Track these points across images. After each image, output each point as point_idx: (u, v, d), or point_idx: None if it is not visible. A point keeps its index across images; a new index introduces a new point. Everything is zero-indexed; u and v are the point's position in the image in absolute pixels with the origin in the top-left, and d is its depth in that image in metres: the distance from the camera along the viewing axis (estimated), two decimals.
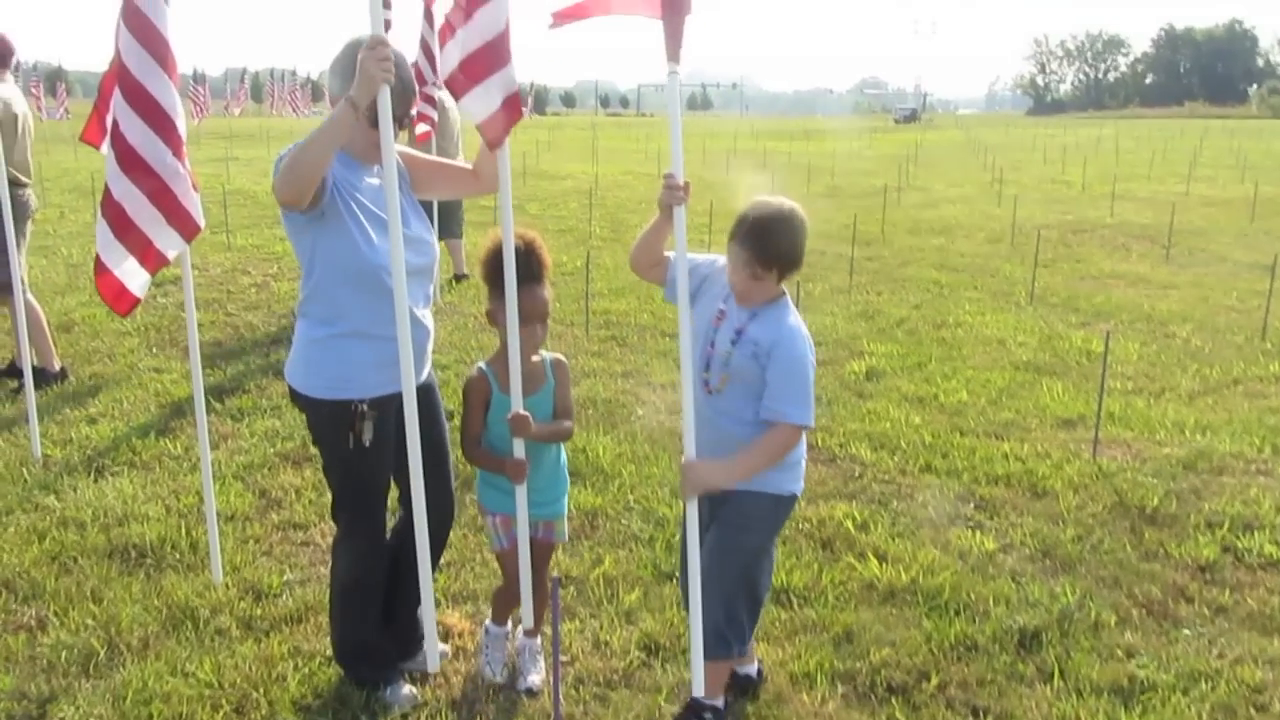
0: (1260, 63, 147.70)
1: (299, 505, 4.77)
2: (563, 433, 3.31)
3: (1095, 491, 5.05)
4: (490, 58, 2.93)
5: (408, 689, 3.30)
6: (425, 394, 3.22)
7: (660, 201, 2.84)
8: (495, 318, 3.20)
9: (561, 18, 2.95)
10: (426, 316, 3.16)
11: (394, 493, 3.36)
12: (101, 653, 3.52)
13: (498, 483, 3.28)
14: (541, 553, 3.44)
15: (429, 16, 10.82)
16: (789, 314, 2.92)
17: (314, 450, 5.27)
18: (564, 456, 3.48)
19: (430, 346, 3.25)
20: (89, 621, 3.70)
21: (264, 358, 7.29)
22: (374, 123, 2.86)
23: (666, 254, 3.01)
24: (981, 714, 3.28)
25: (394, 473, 3.25)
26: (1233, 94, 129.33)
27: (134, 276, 3.70)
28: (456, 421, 3.48)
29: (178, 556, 4.22)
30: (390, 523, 3.44)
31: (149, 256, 3.65)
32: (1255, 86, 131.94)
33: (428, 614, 3.06)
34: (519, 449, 3.17)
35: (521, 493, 3.20)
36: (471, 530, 4.52)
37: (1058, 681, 3.45)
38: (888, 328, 8.54)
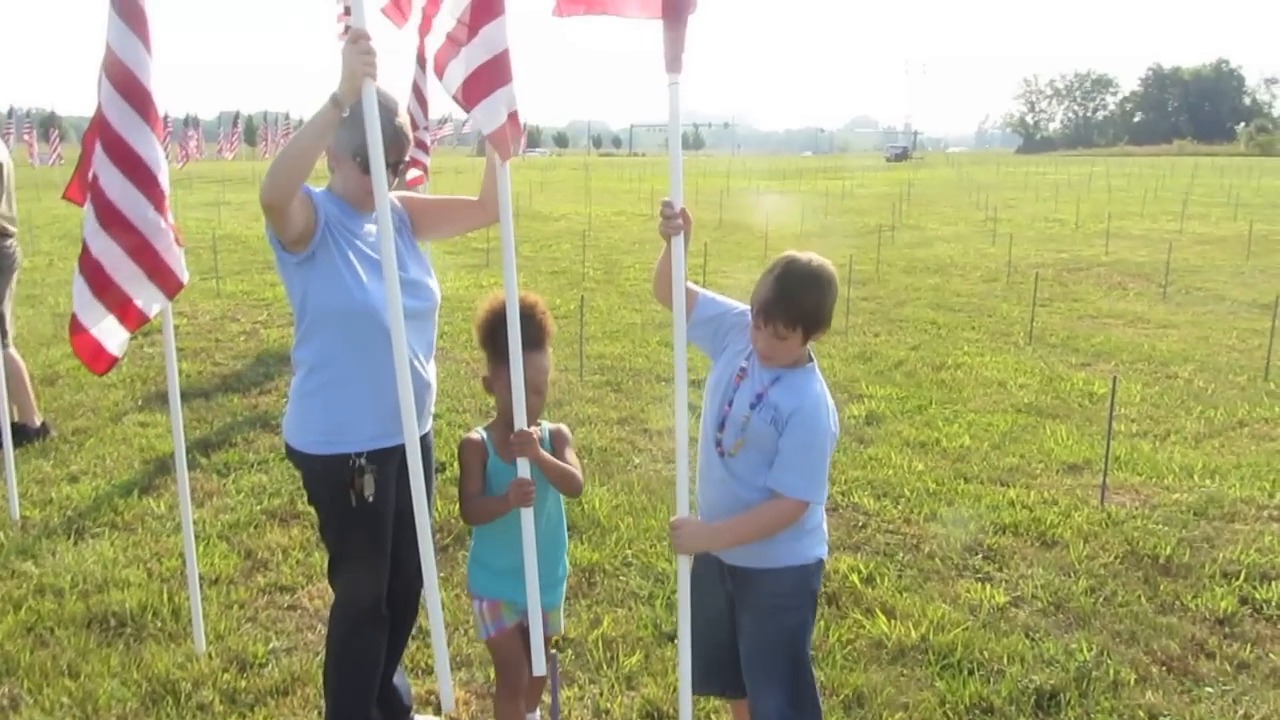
0: (1247, 101, 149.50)
1: (286, 566, 4.61)
2: (571, 476, 2.97)
3: (1106, 540, 4.92)
4: (496, 72, 2.85)
5: None
6: (421, 452, 3.09)
7: (660, 231, 2.73)
8: (492, 386, 2.99)
9: (566, 7, 2.85)
10: (428, 368, 3.02)
11: None
12: None
13: (488, 561, 3.06)
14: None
15: (421, 60, 10.81)
16: (815, 381, 2.69)
17: (302, 508, 5.18)
18: (564, 535, 3.17)
19: (431, 400, 3.09)
20: (64, 699, 3.53)
21: (252, 409, 7.15)
22: (366, 169, 2.79)
23: (694, 289, 2.83)
24: None
25: None
26: (1220, 132, 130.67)
27: (112, 335, 3.58)
28: (447, 473, 3.35)
29: (159, 625, 4.05)
30: None
31: (129, 314, 3.53)
32: (1243, 125, 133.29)
33: (439, 648, 2.89)
34: (523, 469, 2.87)
35: (527, 516, 2.88)
36: (462, 591, 4.37)
37: None
38: (886, 370, 8.43)
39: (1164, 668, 3.81)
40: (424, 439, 3.13)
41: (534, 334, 2.92)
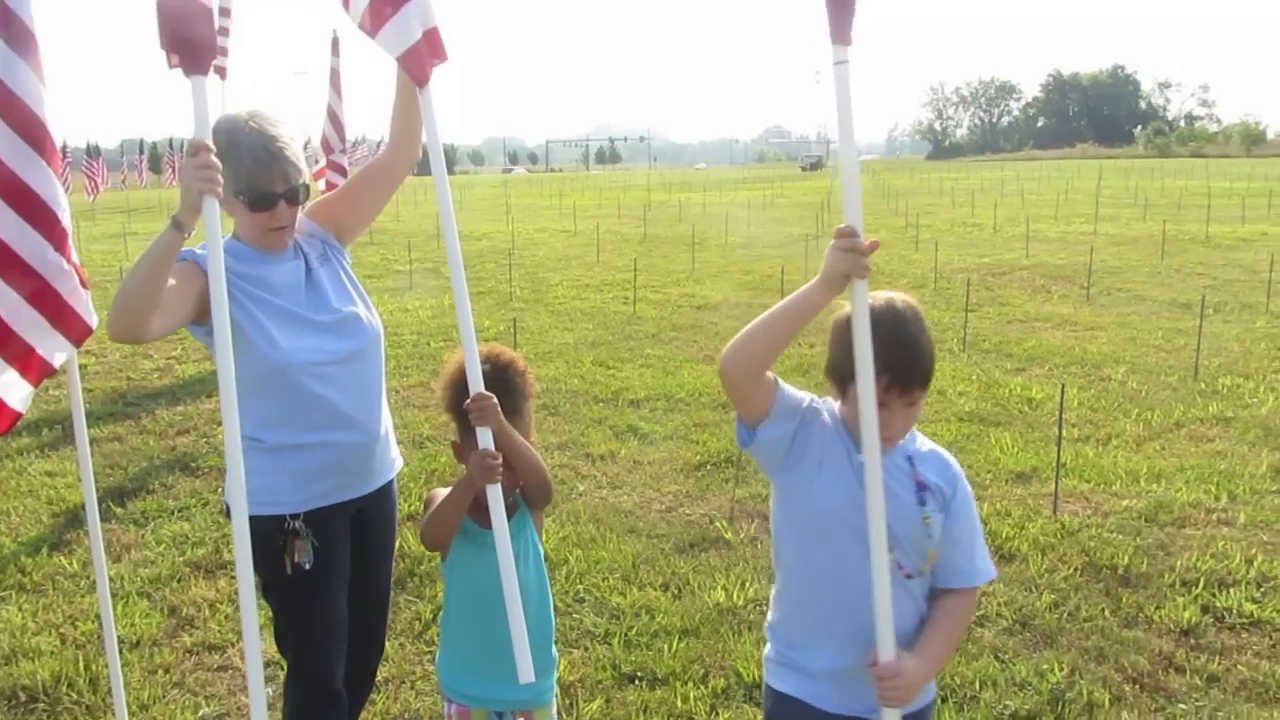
0: (1143, 105, 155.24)
1: (214, 623, 4.29)
2: (538, 463, 2.57)
3: (1063, 552, 4.86)
4: None
5: None
6: (373, 504, 2.83)
7: (831, 270, 1.94)
8: (462, 454, 2.56)
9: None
10: (373, 418, 2.73)
11: None
12: None
13: (461, 647, 2.66)
14: None
15: (336, 84, 10.53)
16: (917, 434, 2.18)
17: (229, 557, 4.86)
18: (550, 614, 2.71)
19: (380, 449, 2.79)
20: None
21: (169, 451, 6.76)
22: (253, 207, 2.56)
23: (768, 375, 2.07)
24: None
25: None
26: (1119, 135, 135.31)
27: (13, 389, 3.25)
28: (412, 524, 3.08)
29: (75, 697, 3.72)
30: None
31: (31, 366, 3.21)
32: (1140, 128, 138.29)
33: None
34: (484, 440, 2.45)
35: (496, 496, 2.44)
36: (408, 639, 4.12)
37: None
38: (825, 381, 8.33)
39: (1136, 685, 3.73)
40: (383, 491, 2.89)
41: (509, 397, 2.53)
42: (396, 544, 3.22)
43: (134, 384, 8.82)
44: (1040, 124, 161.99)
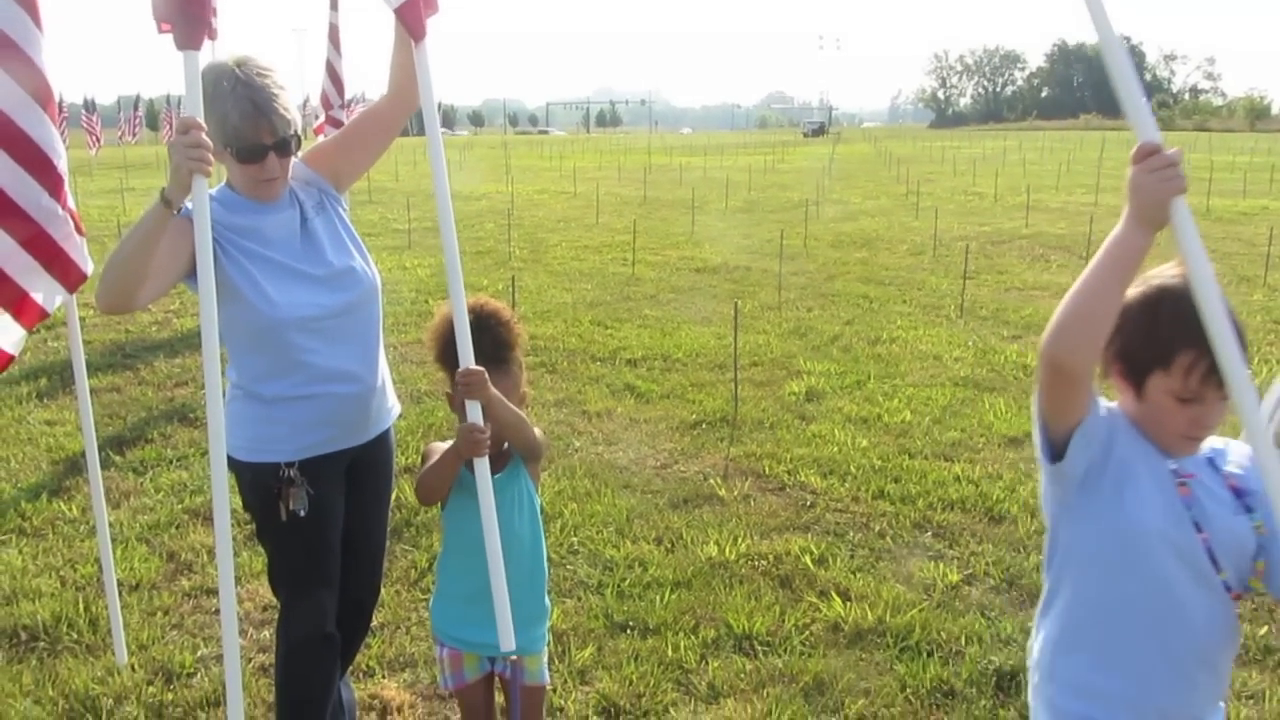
0: (1148, 77, 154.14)
1: (211, 568, 4.34)
2: (524, 424, 2.54)
3: None
4: None
5: None
6: (369, 453, 2.86)
7: (1146, 201, 1.60)
8: (455, 404, 2.53)
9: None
10: (368, 370, 2.75)
11: None
12: None
13: (454, 591, 2.65)
14: (522, 700, 2.66)
15: (334, 40, 10.46)
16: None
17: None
18: (543, 566, 2.71)
19: (376, 400, 2.81)
20: None
21: (168, 402, 6.79)
22: (242, 159, 2.53)
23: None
24: None
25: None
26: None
27: (6, 332, 3.28)
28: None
29: (75, 636, 3.77)
30: None
31: (25, 309, 3.23)
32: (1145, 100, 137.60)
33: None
34: (473, 414, 2.45)
35: (484, 469, 2.46)
36: (404, 586, 4.18)
37: None
38: (822, 345, 8.39)
39: None
40: (379, 440, 2.92)
41: (494, 346, 2.54)
42: (394, 495, 3.26)
43: (132, 336, 8.85)
44: (1044, 94, 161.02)
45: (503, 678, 2.67)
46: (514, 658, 2.63)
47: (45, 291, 3.26)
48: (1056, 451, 1.75)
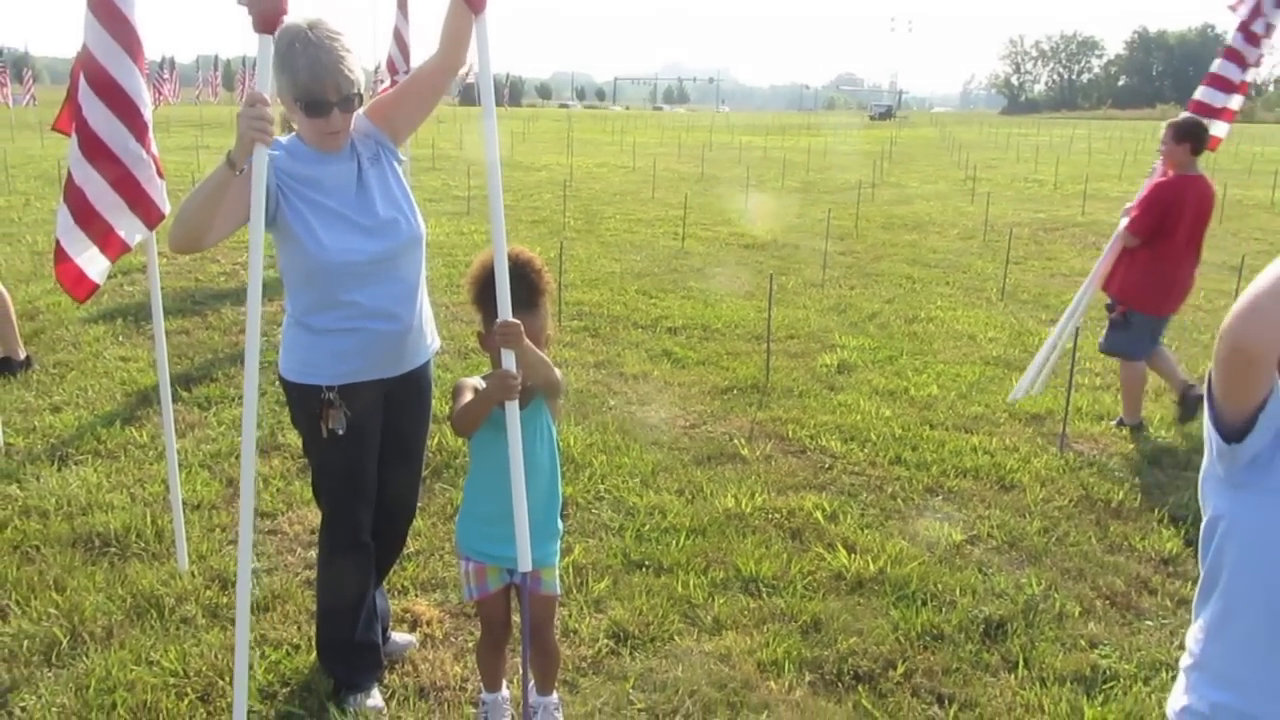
0: None
1: (266, 494, 4.73)
2: (549, 367, 2.80)
3: (1062, 485, 5.10)
4: None
5: (374, 700, 3.20)
6: (406, 385, 3.16)
7: None
8: (486, 343, 2.85)
9: None
10: (405, 309, 3.03)
11: None
12: (64, 641, 3.47)
13: (476, 509, 2.96)
14: (534, 608, 2.94)
15: (403, 6, 10.81)
16: None
17: (282, 440, 5.30)
18: (558, 491, 3.00)
19: (413, 338, 3.09)
20: (51, 610, 3.65)
21: (232, 347, 7.22)
22: (309, 113, 2.81)
23: None
24: (947, 702, 3.30)
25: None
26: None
27: (94, 263, 3.66)
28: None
29: (142, 545, 4.17)
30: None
31: (110, 243, 3.61)
32: None
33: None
34: (508, 362, 2.72)
35: (514, 409, 2.73)
36: (440, 519, 4.51)
37: (1022, 670, 3.48)
38: (860, 321, 8.58)
39: (1108, 601, 4.00)
40: (415, 376, 3.20)
41: (527, 292, 2.80)
42: (435, 439, 3.55)
43: (201, 285, 9.32)
44: (1121, 82, 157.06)
45: (519, 589, 2.97)
46: (531, 570, 2.94)
47: (128, 228, 3.63)
48: (1228, 433, 1.71)
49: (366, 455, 3.14)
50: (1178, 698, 1.89)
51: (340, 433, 3.02)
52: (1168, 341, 8.07)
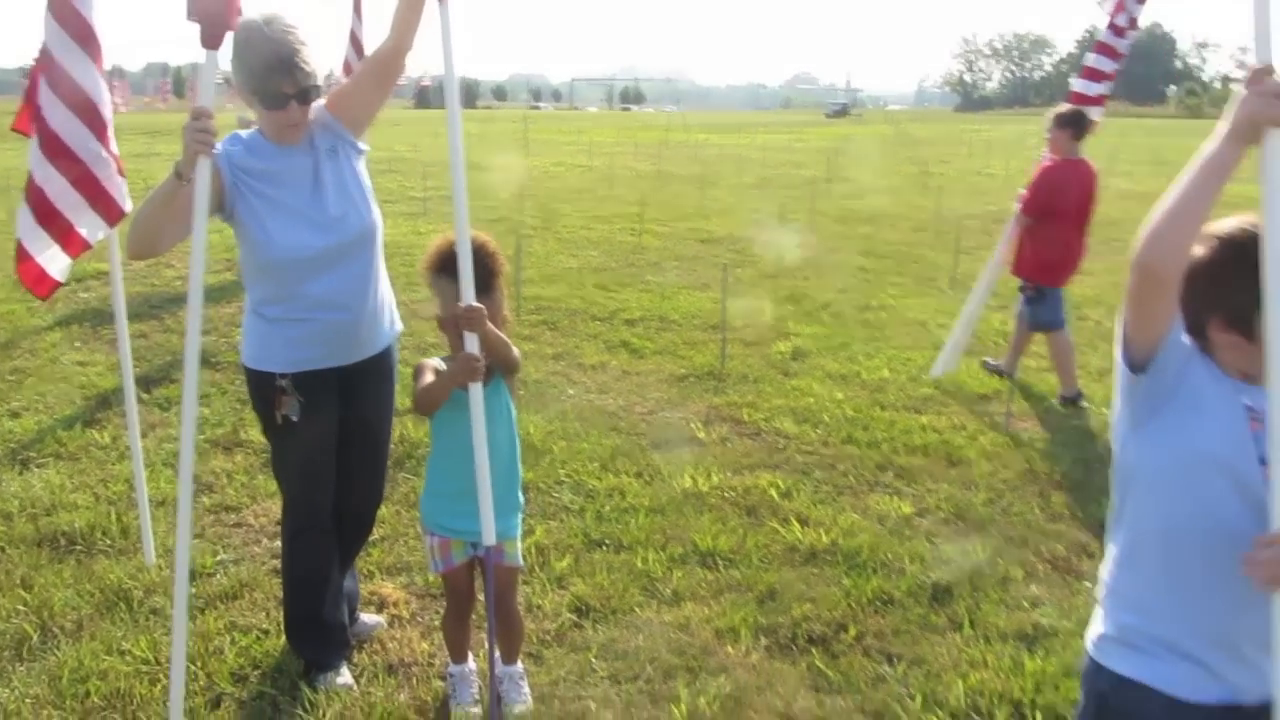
0: (1179, 65, 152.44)
1: (231, 489, 4.79)
2: (509, 346, 2.93)
3: (1007, 460, 5.29)
4: None
5: (344, 678, 3.28)
6: (366, 371, 3.23)
7: (1244, 119, 1.72)
8: (445, 325, 2.96)
9: None
10: (355, 296, 3.11)
11: None
12: (35, 636, 3.52)
13: (439, 485, 3.09)
14: (498, 579, 3.03)
15: (358, 9, 10.83)
16: None
17: (245, 436, 5.36)
18: (518, 467, 3.14)
19: (366, 327, 3.17)
20: (20, 607, 3.70)
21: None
22: (266, 106, 2.89)
23: None
24: (896, 660, 3.45)
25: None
26: (1153, 95, 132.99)
27: (55, 261, 3.72)
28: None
29: (109, 542, 4.22)
30: None
31: (71, 241, 3.67)
32: (1173, 88, 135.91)
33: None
34: (470, 345, 2.83)
35: (477, 391, 2.83)
36: (404, 506, 4.59)
37: (967, 630, 3.64)
38: (814, 310, 8.75)
39: (1049, 565, 4.18)
40: (374, 365, 3.26)
41: (482, 276, 2.87)
42: (396, 430, 3.64)
43: (157, 289, 9.29)
44: (1072, 80, 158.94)
45: (483, 561, 3.08)
46: (494, 543, 3.05)
47: (89, 226, 3.69)
48: (1135, 363, 1.83)
49: (323, 441, 3.23)
50: (1095, 627, 2.04)
51: (295, 419, 3.11)
52: (1110, 326, 8.33)
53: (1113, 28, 6.70)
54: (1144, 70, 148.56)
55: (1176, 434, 1.84)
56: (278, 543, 4.22)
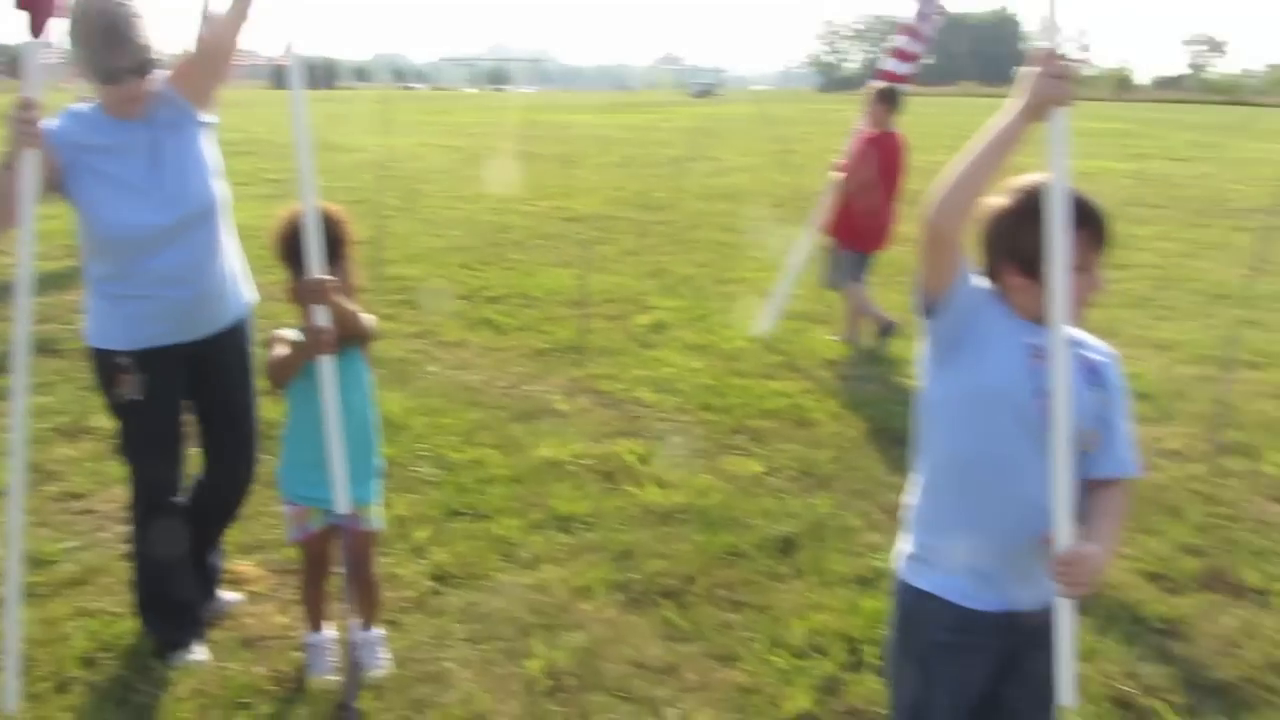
0: (1024, 46, 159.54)
1: (76, 476, 4.65)
2: (358, 316, 2.97)
3: (852, 420, 5.57)
4: None
5: (198, 655, 3.27)
6: (218, 347, 3.23)
7: (1036, 97, 1.98)
8: (295, 297, 2.94)
9: None
10: (198, 272, 3.10)
11: None
12: None
13: (295, 455, 3.13)
14: (354, 544, 3.11)
15: None
16: None
17: (91, 424, 5.21)
18: (373, 432, 3.17)
19: (211, 303, 3.17)
20: None
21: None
22: (101, 81, 2.85)
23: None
24: (742, 607, 3.65)
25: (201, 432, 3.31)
26: (1003, 75, 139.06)
27: None
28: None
29: None
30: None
31: None
32: (1020, 68, 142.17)
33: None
34: (320, 317, 2.85)
35: (327, 363, 2.87)
36: (261, 485, 4.53)
37: (810, 577, 3.86)
38: (674, 284, 8.95)
39: (888, 515, 4.44)
40: (227, 334, 3.26)
41: (331, 245, 2.91)
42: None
43: None
44: (929, 61, 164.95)
45: (341, 528, 3.11)
46: (349, 510, 3.09)
47: None
48: (926, 308, 2.06)
49: (168, 419, 3.21)
50: (900, 546, 2.28)
51: (137, 398, 3.08)
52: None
53: (920, 14, 7.31)
54: (993, 52, 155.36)
55: (965, 371, 2.07)
56: (127, 528, 4.15)
